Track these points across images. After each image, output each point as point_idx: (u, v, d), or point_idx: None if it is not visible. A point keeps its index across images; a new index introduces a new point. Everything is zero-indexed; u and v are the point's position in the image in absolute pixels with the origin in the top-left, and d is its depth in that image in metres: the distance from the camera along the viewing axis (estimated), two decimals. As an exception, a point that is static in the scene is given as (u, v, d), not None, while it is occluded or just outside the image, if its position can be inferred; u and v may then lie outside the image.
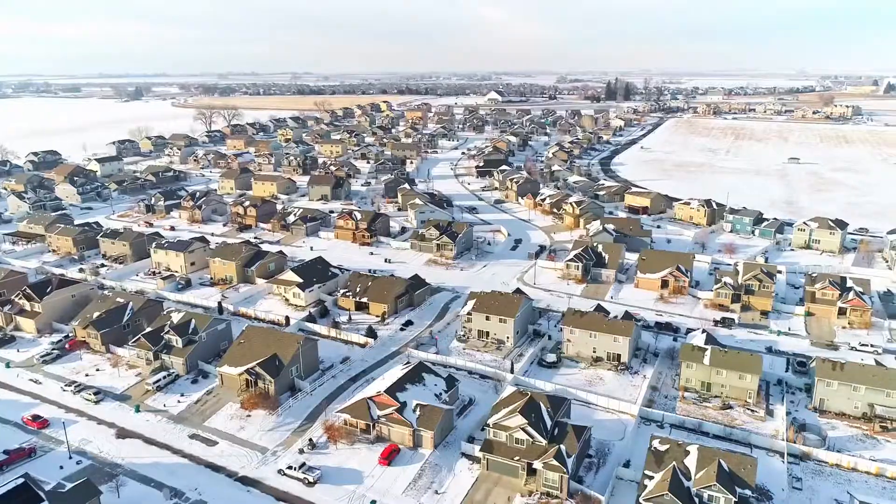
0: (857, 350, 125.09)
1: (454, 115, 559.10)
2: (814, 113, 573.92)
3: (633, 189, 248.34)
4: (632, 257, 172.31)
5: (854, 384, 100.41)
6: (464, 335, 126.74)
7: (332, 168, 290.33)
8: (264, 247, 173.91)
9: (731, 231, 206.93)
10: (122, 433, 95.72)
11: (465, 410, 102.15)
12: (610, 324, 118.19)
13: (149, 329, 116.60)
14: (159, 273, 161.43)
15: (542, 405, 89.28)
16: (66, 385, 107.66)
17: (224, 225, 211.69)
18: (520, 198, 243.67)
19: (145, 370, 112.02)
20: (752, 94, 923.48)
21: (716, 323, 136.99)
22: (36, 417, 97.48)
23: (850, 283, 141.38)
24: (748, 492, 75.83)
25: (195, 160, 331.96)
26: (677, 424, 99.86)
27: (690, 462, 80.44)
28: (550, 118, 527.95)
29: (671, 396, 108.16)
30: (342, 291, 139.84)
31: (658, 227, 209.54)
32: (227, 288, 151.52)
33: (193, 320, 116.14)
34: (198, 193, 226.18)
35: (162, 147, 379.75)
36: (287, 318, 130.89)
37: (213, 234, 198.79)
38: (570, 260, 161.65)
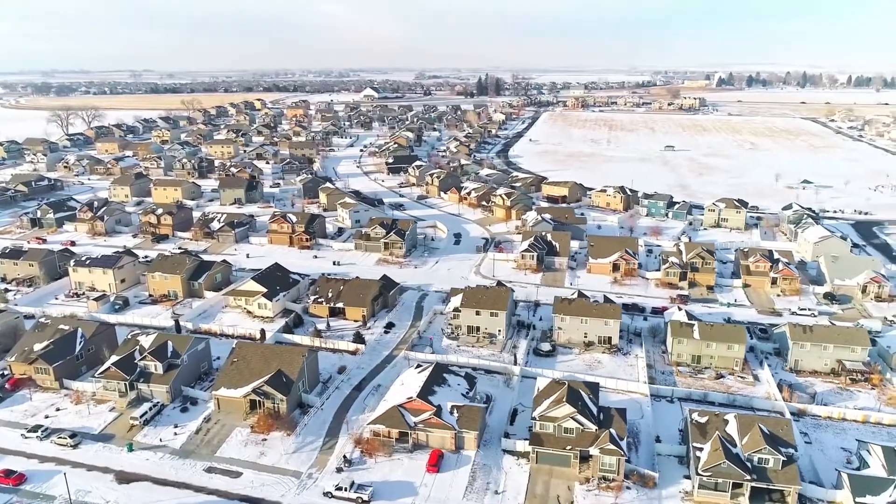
0: (797, 314, 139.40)
1: (336, 112, 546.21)
2: (668, 105, 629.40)
3: (550, 179, 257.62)
4: (573, 244, 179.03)
5: (824, 344, 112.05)
6: (452, 332, 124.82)
7: (234, 170, 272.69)
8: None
9: (647, 215, 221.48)
10: (123, 477, 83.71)
11: (488, 407, 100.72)
12: (599, 308, 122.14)
13: (116, 357, 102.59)
14: (84, 294, 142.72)
15: (581, 392, 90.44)
16: (28, 431, 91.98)
17: (134, 236, 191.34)
18: (442, 192, 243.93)
19: (119, 403, 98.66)
20: (604, 89, 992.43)
21: (673, 300, 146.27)
22: (9, 473, 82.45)
23: (776, 256, 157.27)
24: (791, 450, 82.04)
25: (66, 167, 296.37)
26: (684, 397, 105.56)
27: (732, 430, 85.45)
28: (434, 114, 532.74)
29: (667, 372, 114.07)
30: (314, 298, 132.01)
31: (581, 214, 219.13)
32: (174, 304, 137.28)
33: (171, 342, 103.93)
34: (96, 203, 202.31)
35: (17, 153, 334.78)
36: (262, 332, 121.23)
37: (125, 247, 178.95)
38: (525, 250, 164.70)
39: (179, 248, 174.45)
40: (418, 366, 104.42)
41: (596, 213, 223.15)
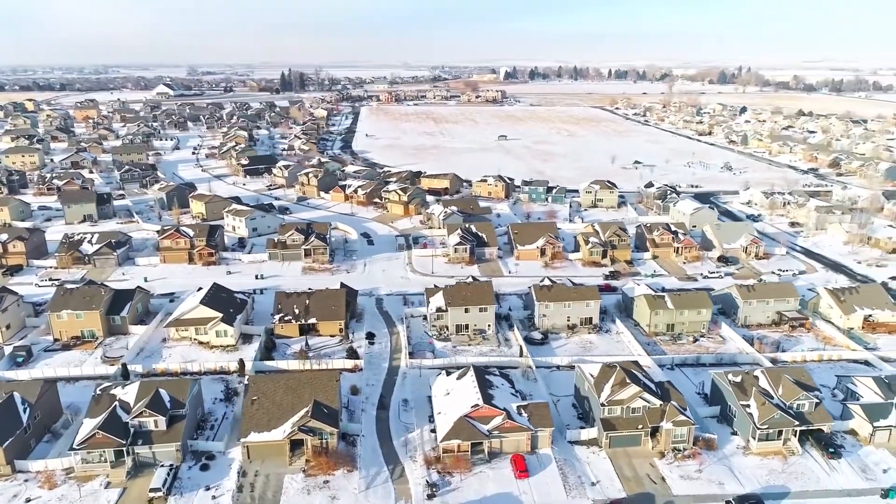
0: (707, 278, 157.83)
1: (137, 112, 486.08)
2: (476, 97, 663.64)
3: (428, 173, 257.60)
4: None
5: (767, 299, 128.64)
6: (440, 333, 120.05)
7: (58, 182, 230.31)
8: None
9: (529, 200, 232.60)
10: (184, 562, 67.69)
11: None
12: (579, 291, 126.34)
13: (96, 420, 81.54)
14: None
15: (635, 371, 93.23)
16: (10, 535, 69.81)
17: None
18: (322, 192, 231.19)
19: (115, 475, 79.00)
20: (401, 83, 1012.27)
21: (606, 277, 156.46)
22: None
23: (674, 228, 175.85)
24: (818, 392, 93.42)
25: None
26: (681, 363, 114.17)
27: (764, 384, 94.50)
28: (250, 111, 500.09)
29: (651, 343, 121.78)
30: (279, 317, 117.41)
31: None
32: (96, 347, 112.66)
33: (164, 390, 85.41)
34: None
35: None
36: (241, 362, 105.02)
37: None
38: (458, 243, 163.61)
39: (51, 280, 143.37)
40: (448, 373, 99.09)
41: (485, 203, 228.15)
